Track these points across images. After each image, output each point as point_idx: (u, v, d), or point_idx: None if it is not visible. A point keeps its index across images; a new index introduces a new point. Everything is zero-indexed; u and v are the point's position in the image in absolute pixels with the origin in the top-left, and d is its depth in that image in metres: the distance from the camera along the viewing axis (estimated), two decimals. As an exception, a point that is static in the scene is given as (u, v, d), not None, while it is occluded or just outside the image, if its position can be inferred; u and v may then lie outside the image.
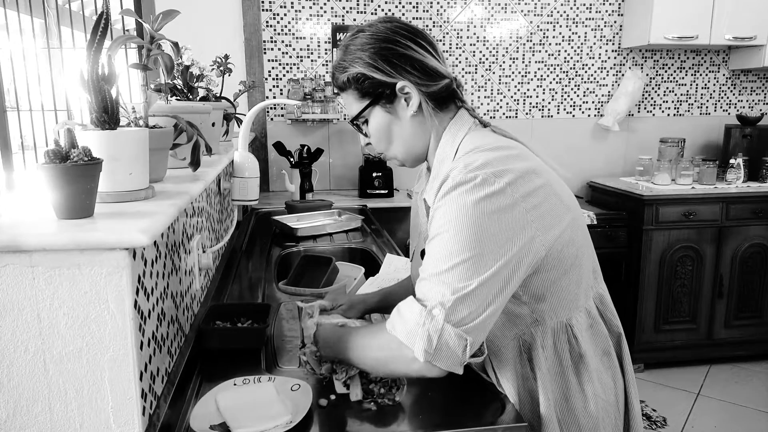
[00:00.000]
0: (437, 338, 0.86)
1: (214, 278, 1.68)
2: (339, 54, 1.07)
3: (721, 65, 3.54)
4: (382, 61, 1.02)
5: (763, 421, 2.73)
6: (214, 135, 1.63)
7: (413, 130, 1.06)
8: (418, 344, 0.86)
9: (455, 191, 0.91)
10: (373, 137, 1.08)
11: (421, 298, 0.90)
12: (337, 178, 3.30)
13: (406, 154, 1.09)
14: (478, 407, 1.00)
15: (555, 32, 3.35)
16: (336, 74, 1.07)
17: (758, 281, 3.16)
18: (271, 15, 3.08)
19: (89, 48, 0.86)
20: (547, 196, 0.96)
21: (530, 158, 0.99)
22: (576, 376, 1.05)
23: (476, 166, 0.92)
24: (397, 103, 1.04)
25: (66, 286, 0.77)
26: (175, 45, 1.13)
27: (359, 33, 1.05)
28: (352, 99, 1.06)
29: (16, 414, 0.81)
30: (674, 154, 3.26)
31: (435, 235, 0.92)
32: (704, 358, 3.21)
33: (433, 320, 0.86)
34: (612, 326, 1.12)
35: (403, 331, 0.89)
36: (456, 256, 0.88)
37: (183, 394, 1.05)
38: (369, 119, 1.06)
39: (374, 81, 1.02)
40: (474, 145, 1.00)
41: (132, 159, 0.92)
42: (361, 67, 1.02)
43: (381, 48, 1.02)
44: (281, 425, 0.91)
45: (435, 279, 0.89)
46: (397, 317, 0.92)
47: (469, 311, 0.87)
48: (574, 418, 1.04)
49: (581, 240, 1.04)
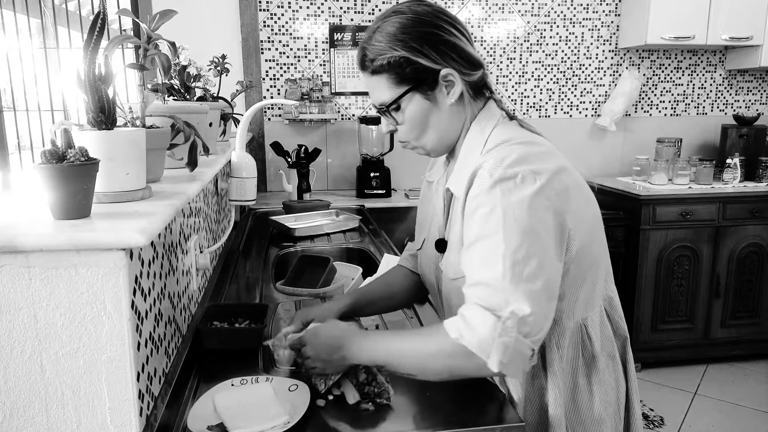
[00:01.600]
0: (512, 348, 0.86)
1: (212, 278, 1.67)
2: (373, 35, 1.01)
3: (718, 65, 3.55)
4: (428, 47, 0.98)
5: (759, 421, 2.73)
6: (212, 135, 1.63)
7: (450, 119, 1.03)
8: (494, 356, 0.85)
9: (497, 189, 0.90)
10: (406, 124, 1.03)
11: (487, 306, 0.87)
12: (334, 178, 3.30)
13: (438, 143, 1.06)
14: (477, 407, 1.00)
15: (552, 32, 3.35)
16: (369, 56, 1.01)
17: (755, 281, 3.17)
18: (268, 15, 3.08)
19: (86, 48, 0.85)
20: (578, 195, 0.98)
21: (559, 155, 1.00)
22: (586, 377, 1.05)
23: (513, 161, 0.92)
24: (438, 91, 1.00)
25: (63, 286, 0.77)
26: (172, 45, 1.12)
27: (396, 14, 1.00)
28: (387, 84, 1.01)
29: (13, 415, 0.80)
30: (671, 154, 3.27)
31: (482, 236, 0.91)
32: (701, 357, 3.22)
33: (508, 332, 0.85)
34: (619, 329, 1.12)
35: (475, 342, 0.86)
36: (511, 259, 0.87)
37: (180, 395, 1.05)
38: (403, 106, 1.01)
39: (418, 67, 0.98)
40: (504, 138, 0.99)
41: (129, 159, 0.91)
42: (405, 51, 0.97)
43: (426, 33, 0.98)
44: (279, 426, 0.91)
45: (498, 285, 0.87)
46: (463, 325, 0.88)
47: (537, 320, 0.87)
48: (580, 419, 1.04)
49: (601, 240, 1.05)
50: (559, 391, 1.02)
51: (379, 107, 1.04)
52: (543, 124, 3.45)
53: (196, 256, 1.40)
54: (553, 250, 0.92)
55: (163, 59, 1.05)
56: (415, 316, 1.43)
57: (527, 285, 0.87)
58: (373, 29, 1.01)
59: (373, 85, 1.03)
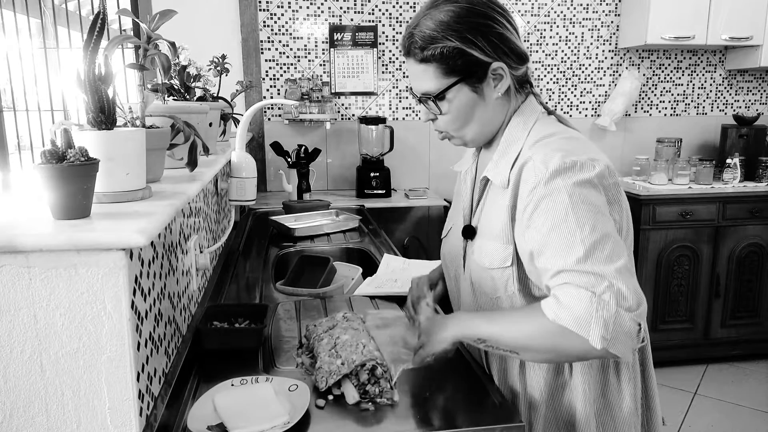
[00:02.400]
0: (613, 323, 0.83)
1: (212, 279, 1.67)
2: (421, 21, 0.98)
3: (718, 65, 3.55)
4: (482, 39, 0.96)
5: (759, 420, 2.73)
6: (212, 135, 1.63)
7: (494, 112, 1.03)
8: (595, 332, 0.82)
9: (558, 178, 0.90)
10: (450, 115, 1.02)
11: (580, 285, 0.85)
12: (334, 178, 3.30)
13: (479, 135, 1.06)
14: (476, 407, 1.00)
15: (552, 32, 3.35)
16: (418, 43, 0.98)
17: (755, 281, 3.17)
18: (268, 15, 3.08)
19: (86, 48, 0.85)
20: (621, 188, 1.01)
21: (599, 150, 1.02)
22: (616, 374, 1.05)
23: (567, 152, 0.93)
24: (486, 84, 0.99)
25: (63, 286, 0.77)
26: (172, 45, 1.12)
27: (447, 3, 0.97)
28: (434, 73, 0.98)
29: (13, 415, 0.80)
30: (671, 154, 3.27)
31: (554, 226, 0.89)
32: (701, 357, 3.22)
33: (607, 306, 0.83)
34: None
35: (572, 320, 0.84)
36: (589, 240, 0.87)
37: (180, 395, 1.05)
38: (449, 97, 1.00)
39: (470, 59, 0.96)
40: (548, 132, 1.00)
41: (129, 159, 0.91)
42: (459, 42, 0.95)
43: (480, 24, 0.96)
44: (279, 426, 0.91)
45: (584, 267, 0.86)
46: (557, 305, 0.86)
47: (634, 291, 0.85)
48: (611, 416, 1.04)
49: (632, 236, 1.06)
50: (589, 387, 1.02)
51: (422, 95, 1.02)
52: (543, 124, 3.45)
53: (196, 256, 1.40)
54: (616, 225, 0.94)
55: (163, 59, 1.05)
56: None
57: (612, 262, 0.86)
58: (422, 15, 0.99)
59: (419, 73, 1.01)
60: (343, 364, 1.03)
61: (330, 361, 1.05)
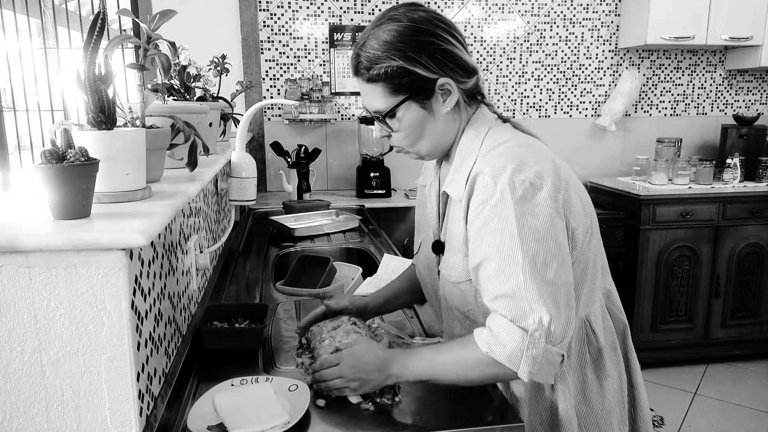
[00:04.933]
0: (541, 359, 0.88)
1: (212, 279, 1.67)
2: (368, 41, 0.99)
3: (718, 65, 3.55)
4: (426, 57, 0.96)
5: (759, 420, 2.73)
6: (212, 135, 1.63)
7: (445, 126, 1.03)
8: (524, 368, 0.88)
9: (507, 201, 0.91)
10: (402, 132, 1.03)
11: (512, 318, 0.89)
12: (334, 178, 3.30)
13: (432, 149, 1.06)
14: (476, 407, 1.00)
15: (552, 32, 3.35)
16: (364, 64, 0.99)
17: (755, 281, 3.17)
18: (268, 15, 3.08)
19: (86, 48, 0.85)
20: (574, 191, 0.99)
21: (550, 154, 1.01)
22: (594, 372, 1.06)
23: (515, 168, 0.92)
24: (434, 100, 1.00)
25: (63, 286, 0.77)
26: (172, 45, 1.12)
27: (391, 21, 0.98)
28: (382, 92, 0.99)
29: (13, 415, 0.80)
30: (671, 154, 3.27)
31: (499, 248, 0.91)
32: (701, 357, 3.22)
33: (536, 344, 0.87)
34: (618, 320, 1.13)
35: (504, 355, 0.89)
36: (530, 266, 0.88)
37: (180, 395, 1.05)
38: (399, 114, 1.00)
39: (415, 77, 0.97)
40: (499, 141, 1.00)
41: (129, 159, 0.91)
42: (402, 61, 0.96)
43: (423, 41, 0.96)
44: (279, 426, 0.91)
45: (520, 295, 0.88)
46: (491, 339, 0.90)
47: (563, 325, 0.89)
48: (592, 413, 1.05)
49: (597, 233, 1.07)
50: (568, 388, 1.03)
51: (373, 114, 1.04)
52: (543, 124, 3.45)
53: (196, 256, 1.40)
54: (565, 252, 0.93)
55: (163, 59, 1.05)
56: (415, 316, 1.43)
57: (549, 292, 0.88)
58: (368, 35, 0.99)
59: (368, 93, 1.02)
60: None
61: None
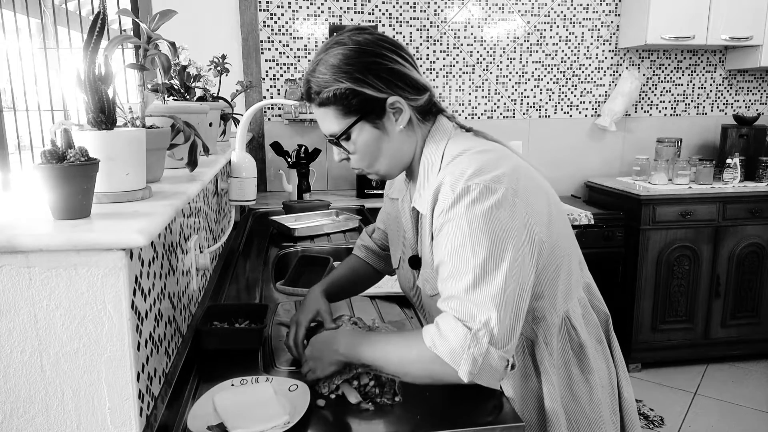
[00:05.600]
0: (482, 361, 0.88)
1: (212, 279, 1.67)
2: (317, 67, 1.00)
3: (718, 65, 3.55)
4: (372, 77, 0.98)
5: (760, 420, 2.73)
6: (212, 135, 1.63)
7: (400, 144, 1.04)
8: (463, 367, 0.88)
9: (461, 204, 0.91)
10: (358, 153, 1.04)
11: (460, 318, 0.90)
12: (334, 178, 3.30)
13: (391, 167, 1.07)
14: (476, 407, 1.00)
15: (552, 32, 3.35)
16: (314, 89, 1.00)
17: (755, 281, 3.17)
18: (268, 15, 3.08)
19: (86, 48, 0.85)
20: (536, 193, 0.99)
21: (513, 158, 1.01)
22: (578, 367, 1.07)
23: (472, 173, 0.93)
24: (386, 119, 1.01)
25: (63, 286, 0.77)
26: (172, 45, 1.12)
27: (337, 46, 0.99)
28: (334, 115, 1.01)
29: (13, 416, 0.80)
30: (671, 154, 3.27)
31: (451, 251, 0.92)
32: (701, 357, 3.22)
33: (478, 344, 0.88)
34: (600, 313, 1.15)
35: (446, 351, 0.89)
36: (480, 269, 0.89)
37: (180, 395, 1.05)
38: (353, 136, 1.02)
39: (364, 97, 0.98)
40: (459, 150, 1.00)
41: (129, 159, 0.91)
42: (350, 83, 0.97)
43: (369, 63, 0.98)
44: (279, 426, 0.91)
45: (468, 296, 0.89)
46: (437, 335, 0.91)
47: (508, 329, 0.89)
48: (580, 408, 1.06)
49: (566, 229, 1.07)
50: (553, 386, 1.03)
51: (329, 138, 1.05)
52: (543, 124, 3.45)
53: (196, 256, 1.40)
54: (522, 255, 0.92)
55: (163, 59, 1.05)
56: (415, 316, 1.43)
57: (496, 295, 0.88)
58: (316, 61, 1.01)
59: (322, 117, 1.03)
60: (346, 368, 1.03)
61: None
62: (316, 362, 1.05)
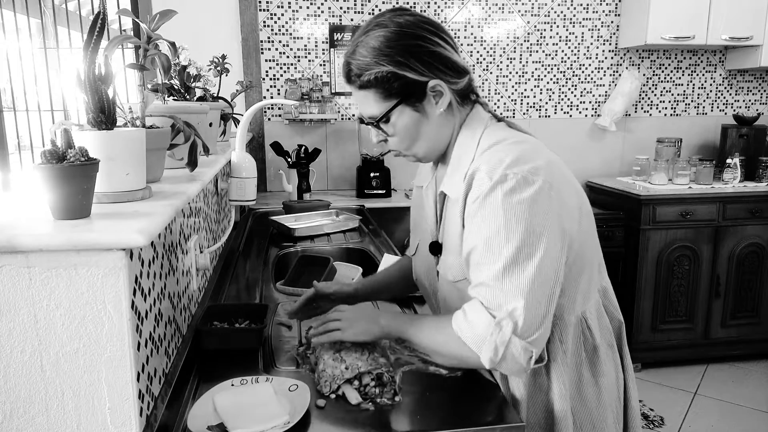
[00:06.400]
0: (503, 349, 0.90)
1: (212, 279, 1.67)
2: (357, 49, 0.99)
3: (718, 65, 3.55)
4: (414, 60, 0.97)
5: (760, 420, 2.73)
6: (212, 135, 1.63)
7: (439, 128, 1.04)
8: (485, 353, 0.90)
9: (498, 192, 0.92)
10: (397, 136, 1.04)
11: (487, 306, 0.92)
12: (334, 178, 3.30)
13: (430, 150, 1.07)
14: (477, 407, 1.00)
15: (552, 32, 3.35)
16: (354, 71, 1.00)
17: (755, 280, 3.17)
18: (268, 15, 3.08)
19: (86, 48, 0.85)
20: (568, 189, 0.99)
21: (547, 152, 1.01)
22: (590, 369, 1.07)
23: (511, 162, 0.93)
24: (426, 102, 1.01)
25: (63, 286, 0.77)
26: (172, 45, 1.12)
27: (378, 28, 0.98)
28: (374, 98, 1.00)
29: (13, 416, 0.80)
30: (671, 154, 3.27)
31: (485, 239, 0.92)
32: (701, 357, 3.22)
33: (501, 332, 0.89)
34: (614, 318, 1.14)
35: (471, 337, 0.92)
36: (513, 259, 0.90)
37: (180, 395, 1.05)
38: (393, 119, 1.01)
39: (405, 80, 0.98)
40: (496, 139, 1.01)
41: (129, 159, 0.91)
42: (391, 66, 0.97)
43: (410, 45, 0.97)
44: (279, 426, 0.91)
45: (497, 285, 0.91)
46: (463, 320, 0.94)
47: (534, 319, 0.90)
48: (587, 410, 1.06)
49: (594, 231, 1.08)
50: (564, 385, 1.03)
51: (368, 120, 1.04)
52: (543, 124, 3.45)
53: (196, 256, 1.40)
54: (554, 249, 0.93)
55: (163, 59, 1.05)
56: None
57: (525, 286, 0.89)
58: (357, 43, 1.00)
59: (361, 99, 1.03)
60: (348, 368, 1.03)
61: (334, 365, 1.05)
62: (351, 323, 1.08)
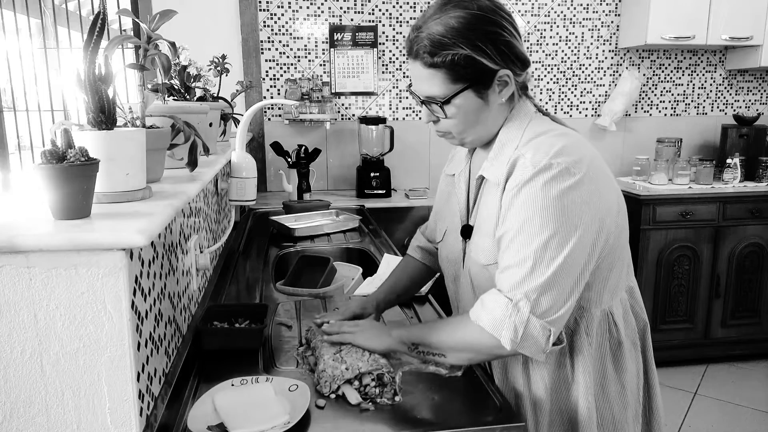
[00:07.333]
0: (523, 329, 0.90)
1: (212, 279, 1.67)
2: (432, 26, 0.96)
3: (718, 65, 3.55)
4: (492, 47, 0.95)
5: (760, 420, 2.73)
6: (212, 135, 1.63)
7: (496, 116, 1.04)
8: (505, 335, 0.91)
9: (540, 179, 0.92)
10: (455, 119, 1.02)
11: (506, 289, 0.93)
12: (334, 178, 3.30)
13: (481, 137, 1.07)
14: (477, 407, 1.00)
15: (552, 32, 3.35)
16: (427, 48, 0.95)
17: (755, 281, 3.17)
18: (268, 15, 3.08)
19: (86, 48, 0.85)
20: (608, 184, 1.00)
21: (590, 147, 1.02)
22: (613, 364, 1.07)
23: (556, 153, 0.94)
24: (491, 90, 1.00)
25: (63, 286, 0.77)
26: (172, 45, 1.12)
27: (459, 8, 0.95)
28: (442, 79, 0.97)
29: (13, 416, 0.80)
30: (671, 154, 3.27)
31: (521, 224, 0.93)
32: (701, 357, 3.22)
33: (519, 312, 0.90)
34: (639, 318, 1.14)
35: (488, 321, 0.93)
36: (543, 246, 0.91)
37: (180, 395, 1.05)
38: (456, 102, 0.99)
39: (480, 66, 0.96)
40: (541, 130, 1.01)
41: (129, 159, 0.91)
42: (470, 50, 0.94)
43: (490, 32, 0.95)
44: (279, 426, 0.91)
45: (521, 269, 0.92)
46: (480, 308, 0.95)
47: (553, 302, 0.91)
48: (608, 405, 1.07)
49: (626, 230, 1.07)
50: (589, 376, 1.03)
51: (425, 99, 1.02)
52: (543, 124, 3.45)
53: (196, 256, 1.40)
54: (587, 241, 0.93)
55: (163, 59, 1.05)
56: (414, 316, 1.43)
57: (553, 271, 0.90)
58: (433, 18, 0.96)
59: (425, 78, 0.99)
60: (348, 369, 1.03)
61: (334, 365, 1.05)
62: (364, 331, 1.12)
